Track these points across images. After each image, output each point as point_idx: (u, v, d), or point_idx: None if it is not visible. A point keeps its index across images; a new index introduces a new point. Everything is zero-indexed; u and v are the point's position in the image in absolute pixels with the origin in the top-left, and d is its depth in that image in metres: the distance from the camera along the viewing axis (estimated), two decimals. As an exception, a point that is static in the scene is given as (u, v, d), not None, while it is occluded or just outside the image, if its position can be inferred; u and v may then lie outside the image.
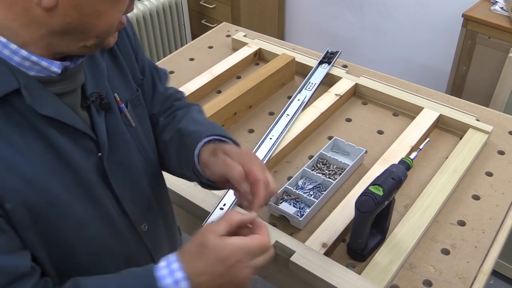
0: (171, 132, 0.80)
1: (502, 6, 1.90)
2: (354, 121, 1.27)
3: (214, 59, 1.48)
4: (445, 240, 0.97)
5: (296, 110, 1.18)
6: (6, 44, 0.55)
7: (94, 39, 0.59)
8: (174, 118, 0.82)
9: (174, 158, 0.79)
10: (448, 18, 2.26)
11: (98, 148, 0.66)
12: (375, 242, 0.94)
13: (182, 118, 0.81)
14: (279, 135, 1.03)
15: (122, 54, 0.75)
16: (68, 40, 0.58)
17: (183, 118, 0.81)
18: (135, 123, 0.74)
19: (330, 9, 2.72)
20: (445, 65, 2.27)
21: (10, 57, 0.56)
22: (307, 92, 1.28)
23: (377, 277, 0.88)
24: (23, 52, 0.56)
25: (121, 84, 0.73)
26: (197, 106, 0.87)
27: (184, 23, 2.73)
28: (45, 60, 0.58)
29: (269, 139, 1.06)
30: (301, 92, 1.28)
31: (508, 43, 1.81)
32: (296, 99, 1.25)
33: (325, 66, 1.35)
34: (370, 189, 0.86)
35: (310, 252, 0.90)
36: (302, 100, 1.23)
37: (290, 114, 1.17)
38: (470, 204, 1.04)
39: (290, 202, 1.04)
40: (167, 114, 0.84)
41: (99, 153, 0.67)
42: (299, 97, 1.26)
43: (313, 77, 1.34)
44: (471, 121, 1.20)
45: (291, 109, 1.22)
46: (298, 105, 1.19)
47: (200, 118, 0.83)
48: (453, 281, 0.89)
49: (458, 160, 1.11)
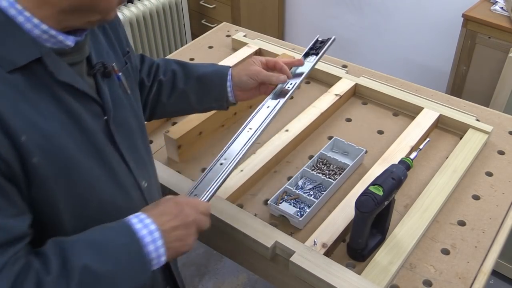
0: (189, 80, 1.00)
1: (502, 6, 1.90)
2: (354, 121, 1.27)
3: (214, 59, 1.48)
4: (445, 240, 0.97)
5: (274, 106, 1.00)
6: (30, 18, 0.61)
7: (98, 15, 0.66)
8: (175, 74, 1.00)
9: (199, 98, 1.00)
10: (448, 18, 2.26)
11: (104, 112, 0.73)
12: (375, 242, 0.94)
13: (190, 69, 1.01)
14: (258, 127, 0.96)
15: (110, 28, 0.83)
16: (76, 16, 0.64)
17: (192, 68, 1.01)
18: (130, 90, 0.82)
19: (330, 9, 2.72)
20: (445, 65, 2.27)
21: (31, 30, 0.62)
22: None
23: (377, 277, 0.88)
24: (43, 26, 0.62)
25: (113, 56, 0.81)
26: (171, 59, 1.06)
27: (184, 23, 2.73)
28: (62, 34, 0.65)
29: (246, 131, 0.97)
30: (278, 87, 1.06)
31: (508, 43, 1.81)
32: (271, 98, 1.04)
33: (311, 59, 1.11)
34: (370, 189, 0.86)
35: (310, 252, 0.90)
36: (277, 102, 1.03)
37: (271, 106, 1.01)
38: (470, 204, 1.04)
39: (290, 202, 1.04)
40: (163, 72, 1.00)
41: (105, 117, 0.73)
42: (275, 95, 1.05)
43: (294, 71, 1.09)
44: (471, 121, 1.20)
45: (270, 102, 1.03)
46: (276, 103, 1.01)
47: (198, 64, 1.05)
48: (453, 281, 0.89)
49: (458, 160, 1.11)
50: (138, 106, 0.86)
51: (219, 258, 2.04)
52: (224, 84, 0.99)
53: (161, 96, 1.00)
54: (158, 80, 0.99)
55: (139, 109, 0.86)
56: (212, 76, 1.00)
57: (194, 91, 1.00)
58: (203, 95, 1.01)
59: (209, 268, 2.03)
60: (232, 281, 1.98)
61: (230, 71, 0.99)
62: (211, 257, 2.06)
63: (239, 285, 1.97)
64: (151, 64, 1.01)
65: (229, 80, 0.99)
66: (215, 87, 1.00)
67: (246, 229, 0.95)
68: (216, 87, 1.00)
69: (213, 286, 1.97)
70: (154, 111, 1.02)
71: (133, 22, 2.43)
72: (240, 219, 0.97)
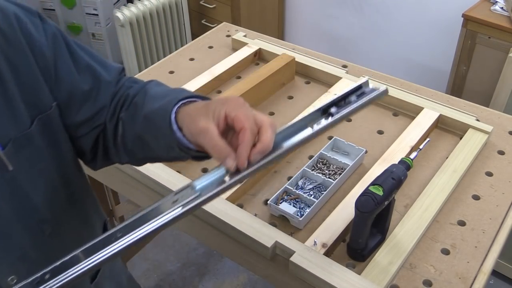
0: (139, 122, 0.71)
1: (502, 6, 1.90)
2: (354, 121, 1.27)
3: (214, 59, 1.48)
4: (445, 240, 0.97)
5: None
6: None
7: None
8: (135, 108, 0.73)
9: (155, 146, 0.71)
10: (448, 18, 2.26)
11: None
12: (375, 242, 0.94)
13: (142, 102, 0.72)
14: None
15: (19, 79, 0.64)
16: None
17: (143, 102, 0.72)
18: (15, 165, 0.63)
19: (330, 9, 2.72)
20: (445, 65, 2.27)
21: None
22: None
23: (377, 277, 0.88)
24: None
25: (2, 119, 0.62)
26: (153, 81, 0.78)
27: (184, 23, 2.73)
28: None
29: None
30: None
31: (508, 43, 1.81)
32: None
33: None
34: (370, 189, 0.86)
35: (310, 252, 0.90)
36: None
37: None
38: (470, 204, 1.04)
39: (290, 202, 1.04)
40: (126, 107, 0.75)
41: None
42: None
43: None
44: (471, 121, 1.20)
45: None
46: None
47: (159, 91, 0.73)
48: (453, 281, 0.89)
49: (458, 160, 1.11)
50: (36, 184, 0.67)
51: (219, 258, 2.04)
52: (168, 126, 0.65)
53: (126, 142, 0.74)
54: (120, 118, 0.75)
55: (38, 187, 0.68)
56: (157, 113, 0.68)
57: (146, 133, 0.71)
58: (153, 140, 0.71)
59: (209, 268, 2.03)
60: (232, 281, 1.98)
61: (175, 109, 0.66)
62: (211, 257, 2.06)
63: (239, 285, 1.98)
64: (120, 97, 0.76)
65: (173, 123, 0.65)
66: (161, 129, 0.67)
67: (246, 229, 0.95)
68: (161, 129, 0.67)
69: (213, 286, 1.97)
70: (131, 159, 0.77)
71: (133, 22, 2.43)
72: (240, 219, 0.97)
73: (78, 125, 0.74)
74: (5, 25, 0.64)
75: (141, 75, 1.43)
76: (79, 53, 0.74)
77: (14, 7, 0.67)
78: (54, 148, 0.71)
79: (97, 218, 0.88)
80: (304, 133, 0.66)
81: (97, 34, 2.70)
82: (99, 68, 0.76)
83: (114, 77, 0.78)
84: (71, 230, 0.77)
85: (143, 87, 0.76)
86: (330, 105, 0.68)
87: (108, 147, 0.77)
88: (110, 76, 0.77)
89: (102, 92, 0.75)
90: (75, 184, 0.78)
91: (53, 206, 0.71)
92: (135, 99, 0.74)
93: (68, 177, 0.75)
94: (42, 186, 0.69)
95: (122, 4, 2.66)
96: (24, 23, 0.66)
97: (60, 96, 0.71)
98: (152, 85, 0.76)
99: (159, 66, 1.47)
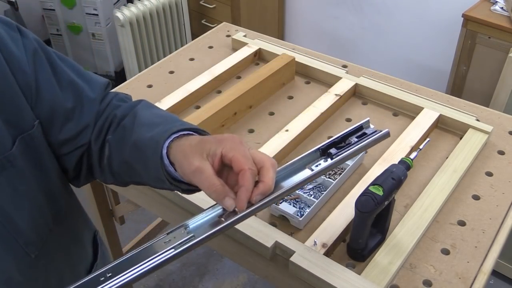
0: (128, 148, 0.68)
1: (502, 6, 1.90)
2: (354, 121, 1.27)
3: (214, 59, 1.48)
4: (445, 240, 0.97)
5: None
6: None
7: None
8: (124, 131, 0.70)
9: (144, 174, 0.67)
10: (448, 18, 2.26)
11: None
12: (375, 242, 0.94)
13: (132, 127, 0.69)
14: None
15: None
16: None
17: (133, 127, 0.69)
18: None
19: (330, 9, 2.72)
20: (445, 65, 2.27)
21: None
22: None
23: (377, 277, 0.88)
24: None
25: None
26: (143, 102, 0.75)
27: (184, 23, 2.73)
28: None
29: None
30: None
31: (508, 43, 1.81)
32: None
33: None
34: (370, 189, 0.86)
35: (310, 252, 0.90)
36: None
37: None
38: (470, 204, 1.04)
39: (290, 202, 1.04)
40: (113, 129, 0.72)
41: None
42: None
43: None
44: (471, 121, 1.20)
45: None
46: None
47: (149, 117, 0.70)
48: (453, 281, 0.89)
49: (458, 160, 1.11)
50: (18, 204, 0.64)
51: (219, 258, 2.04)
52: (158, 159, 0.63)
53: (112, 164, 0.72)
54: (107, 140, 0.72)
55: (20, 207, 0.64)
56: (148, 144, 0.65)
57: (134, 161, 0.68)
58: (142, 168, 0.68)
59: (209, 268, 2.03)
60: (232, 281, 1.98)
61: (167, 143, 0.63)
62: (211, 257, 2.06)
63: (239, 285, 1.98)
64: (106, 117, 0.74)
65: (164, 157, 0.63)
66: (151, 160, 0.64)
67: (246, 229, 0.95)
68: (151, 161, 0.64)
69: (213, 286, 1.97)
70: (116, 180, 0.75)
71: (133, 22, 2.43)
72: (240, 219, 0.97)
73: (61, 144, 0.71)
74: None
75: (141, 75, 1.43)
76: (62, 68, 0.71)
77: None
78: (37, 168, 0.67)
79: (86, 232, 0.86)
80: (303, 174, 0.65)
81: (97, 34, 2.71)
82: (83, 84, 0.73)
83: (99, 94, 0.75)
84: (59, 249, 0.74)
85: (131, 108, 0.73)
86: (329, 146, 0.67)
87: (93, 166, 0.75)
88: (94, 93, 0.74)
89: (85, 110, 0.72)
90: (62, 203, 0.74)
91: (38, 228, 0.68)
92: (123, 121, 0.72)
93: (54, 196, 0.71)
94: (26, 208, 0.65)
95: (122, 4, 2.66)
96: (2, 37, 0.63)
97: (42, 114, 0.68)
98: (142, 107, 0.73)
99: (159, 66, 1.47)
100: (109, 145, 0.72)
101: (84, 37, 2.75)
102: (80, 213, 0.85)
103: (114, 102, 0.76)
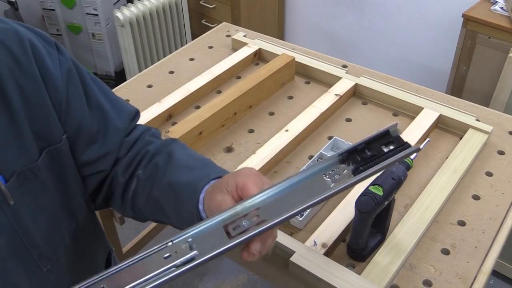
0: (160, 187, 0.70)
1: (502, 6, 1.90)
2: (354, 121, 1.27)
3: (214, 59, 1.48)
4: (445, 240, 0.97)
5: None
6: None
7: None
8: (156, 169, 0.72)
9: (172, 215, 0.69)
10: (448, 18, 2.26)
11: None
12: (375, 242, 0.94)
13: (166, 166, 0.71)
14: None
15: (29, 108, 0.62)
16: None
17: (167, 167, 0.71)
18: (17, 199, 0.60)
19: (330, 9, 2.72)
20: (445, 65, 2.27)
21: None
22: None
23: (377, 277, 0.88)
24: None
25: (8, 150, 0.60)
26: (177, 142, 0.77)
27: (184, 23, 2.73)
28: None
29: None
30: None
31: (508, 43, 1.81)
32: None
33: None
34: (370, 189, 0.86)
35: (310, 252, 0.90)
36: None
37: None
38: (470, 204, 1.04)
39: (290, 202, 1.04)
40: (145, 165, 0.74)
41: None
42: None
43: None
44: (471, 121, 1.20)
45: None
46: None
47: (185, 159, 0.72)
48: (453, 281, 0.89)
49: (458, 160, 1.11)
50: (37, 219, 0.64)
51: (219, 258, 2.04)
52: (195, 204, 0.66)
53: (136, 199, 0.74)
54: (136, 175, 0.74)
55: (39, 223, 0.64)
56: (185, 187, 0.68)
57: (165, 200, 0.70)
58: (172, 209, 0.70)
59: (209, 268, 2.03)
60: (232, 281, 1.98)
61: (205, 189, 0.66)
62: (211, 257, 2.06)
63: (239, 285, 1.97)
64: (138, 151, 0.75)
65: (200, 202, 0.66)
66: (185, 204, 0.67)
67: (246, 229, 0.95)
68: (186, 204, 0.67)
69: (213, 286, 1.97)
70: (137, 215, 0.77)
71: (133, 22, 2.43)
72: (240, 219, 0.97)
73: (81, 165, 0.72)
74: (20, 51, 0.61)
75: (141, 75, 1.43)
76: (93, 89, 0.72)
77: (30, 33, 0.65)
78: (60, 182, 0.68)
79: (100, 250, 0.86)
80: (321, 186, 0.62)
81: (97, 34, 2.71)
82: (110, 110, 0.74)
83: (125, 123, 0.76)
84: (71, 266, 0.74)
85: (165, 146, 0.75)
86: (351, 153, 0.62)
87: (114, 196, 0.76)
88: (121, 122, 0.75)
89: (109, 137, 0.73)
90: (81, 220, 0.75)
91: (54, 243, 0.68)
92: (156, 159, 0.73)
93: (73, 213, 0.72)
94: (44, 221, 0.66)
95: (122, 4, 2.66)
96: (39, 51, 0.64)
97: (69, 131, 0.69)
98: (176, 147, 0.74)
99: (159, 66, 1.47)
100: (138, 180, 0.73)
101: (84, 37, 2.75)
102: (98, 231, 0.85)
103: (147, 137, 0.77)
